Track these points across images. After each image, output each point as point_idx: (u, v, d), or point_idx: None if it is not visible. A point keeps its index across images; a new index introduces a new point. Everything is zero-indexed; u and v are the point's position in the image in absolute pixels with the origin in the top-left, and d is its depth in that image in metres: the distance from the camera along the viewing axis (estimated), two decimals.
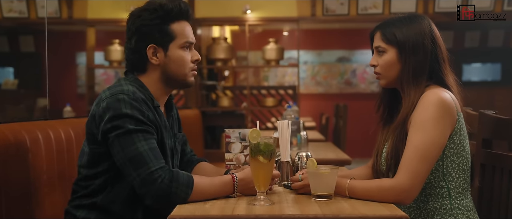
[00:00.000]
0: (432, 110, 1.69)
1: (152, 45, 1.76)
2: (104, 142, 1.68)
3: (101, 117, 1.67)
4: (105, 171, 1.73)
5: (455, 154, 1.76)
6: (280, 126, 1.88)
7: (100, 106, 1.68)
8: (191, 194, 1.59)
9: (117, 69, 8.23)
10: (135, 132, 1.63)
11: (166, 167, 1.61)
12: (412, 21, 1.81)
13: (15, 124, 1.94)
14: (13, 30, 7.37)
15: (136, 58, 1.78)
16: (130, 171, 1.61)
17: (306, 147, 3.36)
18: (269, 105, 6.05)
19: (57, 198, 2.02)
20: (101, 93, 1.74)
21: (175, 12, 1.77)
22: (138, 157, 1.60)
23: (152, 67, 1.79)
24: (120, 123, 1.63)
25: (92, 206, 1.75)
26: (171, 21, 1.77)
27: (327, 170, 1.61)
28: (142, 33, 1.75)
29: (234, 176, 1.67)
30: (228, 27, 7.31)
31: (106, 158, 1.71)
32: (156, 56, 1.77)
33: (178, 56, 1.78)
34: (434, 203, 1.77)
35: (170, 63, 1.78)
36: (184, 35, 1.79)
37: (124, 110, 1.64)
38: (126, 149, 1.61)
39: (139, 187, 1.60)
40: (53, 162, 2.01)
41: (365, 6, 6.10)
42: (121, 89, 1.69)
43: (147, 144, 1.62)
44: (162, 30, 1.75)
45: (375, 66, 1.86)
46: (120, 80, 1.79)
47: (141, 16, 1.76)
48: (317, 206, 1.54)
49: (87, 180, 1.77)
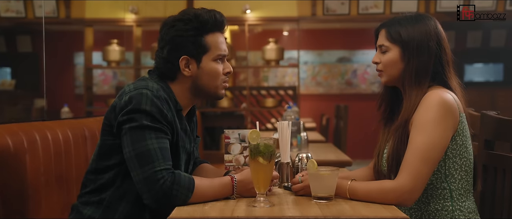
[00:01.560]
0: (434, 110, 1.68)
1: (185, 57, 1.74)
2: (117, 133, 1.68)
3: (122, 108, 1.66)
4: (116, 164, 1.72)
5: (457, 155, 1.75)
6: (280, 126, 1.87)
7: (122, 98, 1.68)
8: (191, 197, 1.59)
9: (115, 70, 8.23)
10: (148, 128, 1.62)
11: (171, 169, 1.60)
12: (418, 21, 1.80)
13: (12, 124, 1.93)
14: (10, 30, 7.36)
15: (167, 68, 1.77)
16: (136, 166, 1.60)
17: (306, 148, 3.36)
18: (269, 106, 6.04)
19: (55, 200, 2.00)
20: (125, 87, 1.74)
21: (211, 24, 1.75)
22: (146, 154, 1.59)
23: (182, 77, 1.77)
24: (136, 117, 1.63)
25: (99, 203, 1.74)
26: (205, 33, 1.75)
27: (328, 172, 1.61)
28: (176, 44, 1.74)
29: (233, 178, 1.67)
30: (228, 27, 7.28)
31: (118, 151, 1.70)
32: (188, 68, 1.75)
33: (210, 68, 1.76)
34: (436, 205, 1.76)
35: (202, 75, 1.76)
36: (218, 47, 1.77)
37: (144, 105, 1.63)
38: (136, 143, 1.61)
39: (141, 185, 1.59)
40: (50, 163, 2.00)
41: (366, 5, 6.08)
42: (146, 84, 1.69)
43: (158, 143, 1.62)
44: (196, 42, 1.73)
45: (378, 64, 1.85)
46: (146, 77, 1.78)
47: (175, 26, 1.74)
48: (318, 207, 1.53)
49: (97, 173, 1.76)
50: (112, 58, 6.20)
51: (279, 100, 6.20)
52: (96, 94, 7.56)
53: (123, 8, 5.87)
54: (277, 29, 8.59)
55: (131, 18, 6.18)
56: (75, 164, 2.12)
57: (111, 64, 6.34)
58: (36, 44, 7.49)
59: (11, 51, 7.72)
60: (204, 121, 5.63)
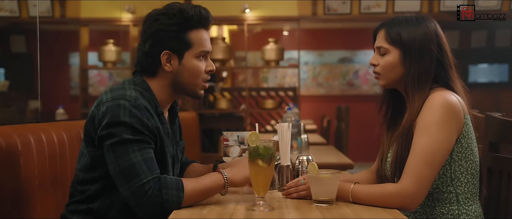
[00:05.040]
0: (438, 112, 1.65)
1: (167, 52, 1.71)
2: (99, 146, 1.65)
3: (100, 121, 1.63)
4: (102, 176, 1.70)
5: (463, 158, 1.73)
6: (280, 128, 1.85)
7: (100, 109, 1.65)
8: (184, 197, 1.57)
9: (111, 70, 8.20)
10: (129, 142, 1.59)
11: (158, 176, 1.58)
12: (419, 23, 1.77)
13: (5, 126, 1.91)
14: (4, 30, 7.34)
15: (148, 62, 1.74)
16: (122, 182, 1.58)
17: (307, 150, 3.35)
18: (269, 107, 6.00)
19: (50, 203, 1.99)
20: (103, 95, 1.70)
21: (195, 19, 1.72)
22: (131, 168, 1.57)
23: (163, 72, 1.75)
24: (116, 131, 1.60)
25: (88, 212, 1.72)
26: (189, 29, 1.72)
27: (329, 175, 1.59)
28: (158, 38, 1.71)
29: (220, 169, 1.67)
30: (226, 27, 7.26)
31: (103, 164, 1.67)
32: (169, 63, 1.73)
33: (192, 65, 1.74)
34: (441, 208, 1.74)
35: (184, 72, 1.74)
36: (201, 44, 1.74)
37: (122, 117, 1.60)
38: (119, 159, 1.59)
39: (130, 199, 1.58)
40: (45, 166, 1.98)
41: (368, 5, 6.04)
42: (123, 94, 1.65)
43: (141, 155, 1.59)
44: (179, 37, 1.71)
45: (375, 66, 1.81)
46: (124, 83, 1.75)
47: (159, 20, 1.71)
48: (318, 211, 1.52)
49: (84, 184, 1.74)
50: (108, 58, 6.16)
51: (279, 101, 6.16)
52: (92, 95, 7.51)
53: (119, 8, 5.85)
54: (277, 29, 8.56)
55: (127, 18, 6.14)
56: (70, 166, 2.11)
57: (107, 65, 6.29)
58: (30, 44, 7.47)
59: (4, 52, 7.71)
60: (202, 122, 5.60)
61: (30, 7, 6.19)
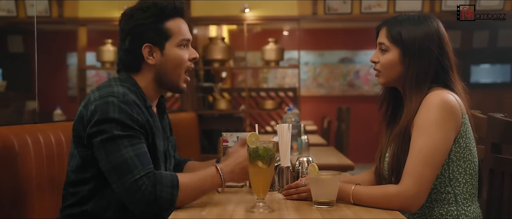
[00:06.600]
0: (436, 112, 1.65)
1: (148, 45, 1.73)
2: (89, 145, 1.64)
3: (89, 120, 1.63)
4: (94, 176, 1.69)
5: (461, 158, 1.72)
6: (280, 129, 1.84)
7: (88, 109, 1.64)
8: (178, 194, 1.56)
9: (109, 71, 8.17)
10: (120, 137, 1.58)
11: (152, 172, 1.57)
12: (421, 22, 1.76)
13: (3, 127, 1.90)
14: (1, 30, 7.32)
15: (130, 59, 1.75)
16: (115, 179, 1.58)
17: (307, 151, 3.33)
18: (269, 108, 5.98)
19: (47, 204, 1.98)
20: (90, 95, 1.70)
21: (170, 9, 1.74)
22: (123, 164, 1.56)
23: (147, 67, 1.76)
24: (106, 128, 1.59)
25: (82, 214, 1.71)
26: (165, 19, 1.74)
27: (329, 176, 1.59)
28: (137, 33, 1.73)
29: (216, 165, 1.65)
30: (226, 27, 7.24)
31: (93, 163, 1.66)
32: (152, 56, 1.74)
33: (175, 54, 1.75)
34: (440, 210, 1.73)
35: (167, 62, 1.75)
36: (180, 33, 1.76)
37: (112, 114, 1.60)
38: (111, 155, 1.58)
39: (124, 196, 1.57)
40: (42, 167, 1.97)
41: (369, 4, 6.01)
42: (111, 91, 1.65)
43: (133, 150, 1.58)
44: (157, 28, 1.73)
45: (376, 63, 1.81)
46: (110, 81, 1.75)
47: (135, 15, 1.73)
48: (319, 213, 1.52)
49: (76, 186, 1.73)
50: (106, 58, 6.13)
51: (279, 102, 6.14)
52: None
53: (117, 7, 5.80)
54: (277, 29, 8.54)
55: None
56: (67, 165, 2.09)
57: (105, 65, 6.26)
58: (27, 44, 7.44)
59: (2, 52, 7.67)
60: (201, 123, 5.58)
61: (27, 6, 6.17)
